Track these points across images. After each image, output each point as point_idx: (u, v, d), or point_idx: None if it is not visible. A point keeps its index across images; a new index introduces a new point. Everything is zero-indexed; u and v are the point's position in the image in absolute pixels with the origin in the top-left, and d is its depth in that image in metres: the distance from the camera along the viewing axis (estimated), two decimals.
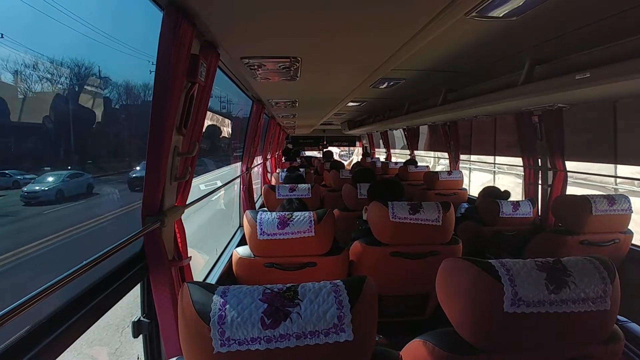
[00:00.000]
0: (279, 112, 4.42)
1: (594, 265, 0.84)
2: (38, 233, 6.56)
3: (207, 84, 1.41)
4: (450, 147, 4.56)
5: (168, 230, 1.30)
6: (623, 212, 2.11)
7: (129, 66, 18.01)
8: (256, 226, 1.65)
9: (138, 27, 12.82)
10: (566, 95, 1.74)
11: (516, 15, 1.30)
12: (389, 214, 1.76)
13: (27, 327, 0.78)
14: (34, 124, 9.01)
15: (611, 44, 1.49)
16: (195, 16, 1.18)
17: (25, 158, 8.42)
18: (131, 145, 11.74)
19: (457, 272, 0.88)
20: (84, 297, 0.95)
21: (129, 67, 17.72)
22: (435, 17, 1.26)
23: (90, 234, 7.16)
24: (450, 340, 0.88)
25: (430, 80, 2.55)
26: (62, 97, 10.12)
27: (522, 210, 2.63)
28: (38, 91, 9.35)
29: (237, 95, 3.20)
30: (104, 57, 14.21)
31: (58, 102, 9.82)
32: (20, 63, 8.79)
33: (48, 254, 6.06)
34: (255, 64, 1.89)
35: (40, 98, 9.32)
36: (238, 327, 0.68)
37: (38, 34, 10.01)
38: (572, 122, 2.74)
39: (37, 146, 8.78)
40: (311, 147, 10.41)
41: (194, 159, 1.42)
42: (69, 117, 9.58)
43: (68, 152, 9.49)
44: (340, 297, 0.72)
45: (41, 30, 9.69)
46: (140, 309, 1.27)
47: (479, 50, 1.78)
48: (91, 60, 12.12)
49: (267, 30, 1.42)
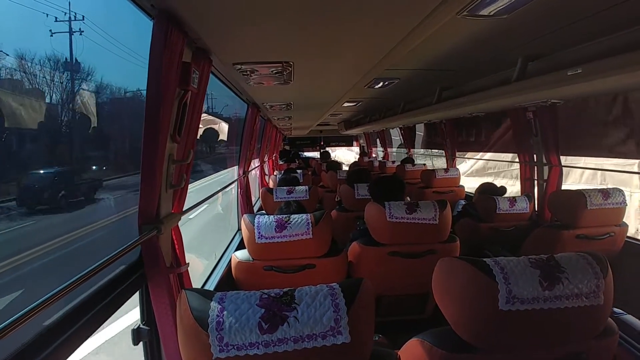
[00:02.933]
0: (275, 115, 4.43)
1: (587, 261, 0.85)
2: None
3: (200, 90, 1.41)
4: (446, 145, 4.57)
5: (165, 238, 1.30)
6: (617, 206, 2.12)
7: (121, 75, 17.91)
8: (254, 230, 1.65)
9: (128, 38, 12.78)
10: (559, 91, 1.75)
11: (506, 13, 1.31)
12: (386, 214, 1.76)
13: (27, 338, 0.78)
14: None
15: (602, 38, 1.50)
16: (185, 24, 1.19)
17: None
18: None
19: (452, 272, 0.89)
20: (83, 307, 0.95)
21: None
22: (427, 17, 1.27)
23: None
24: (447, 339, 0.89)
25: (424, 79, 2.56)
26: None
27: (519, 206, 2.64)
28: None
29: (233, 99, 3.18)
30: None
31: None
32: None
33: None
34: (247, 70, 1.90)
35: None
36: (236, 332, 0.69)
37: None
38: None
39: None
40: (308, 148, 10.40)
41: (189, 166, 1.42)
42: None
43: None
44: (336, 300, 0.73)
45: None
46: (140, 316, 1.27)
47: (471, 48, 1.79)
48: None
49: (258, 36, 1.43)
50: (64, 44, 10.37)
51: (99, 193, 8.70)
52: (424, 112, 3.19)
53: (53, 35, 10.03)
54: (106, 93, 12.10)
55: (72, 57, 9.96)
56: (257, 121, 3.51)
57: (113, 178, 9.65)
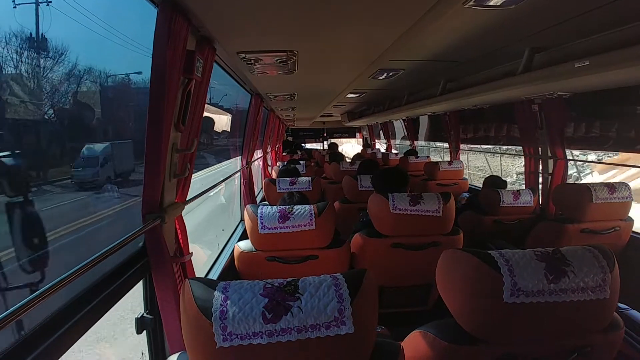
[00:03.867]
0: (278, 105, 4.41)
1: (593, 255, 0.85)
2: None
3: (204, 79, 1.40)
4: (450, 137, 4.54)
5: (169, 227, 1.30)
6: (623, 200, 2.10)
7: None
8: (257, 220, 1.65)
9: (133, 26, 12.60)
10: (566, 83, 1.72)
11: (514, 3, 1.29)
12: (389, 206, 1.76)
13: (32, 326, 0.79)
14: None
15: (611, 31, 1.47)
16: (189, 12, 1.17)
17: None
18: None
19: (456, 263, 0.89)
20: (87, 295, 0.95)
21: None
22: (433, 7, 1.25)
23: None
24: (450, 331, 0.89)
25: (429, 70, 2.53)
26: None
27: (523, 199, 2.63)
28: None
29: (236, 89, 3.17)
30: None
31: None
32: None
33: None
34: (251, 59, 1.88)
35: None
36: (240, 322, 0.69)
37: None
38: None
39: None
40: (311, 139, 10.38)
41: (192, 155, 1.42)
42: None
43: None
44: (340, 291, 0.72)
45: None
46: (144, 305, 1.28)
47: (477, 39, 1.77)
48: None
49: (262, 24, 1.41)
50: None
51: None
52: (428, 103, 3.16)
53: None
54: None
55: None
56: (261, 112, 3.49)
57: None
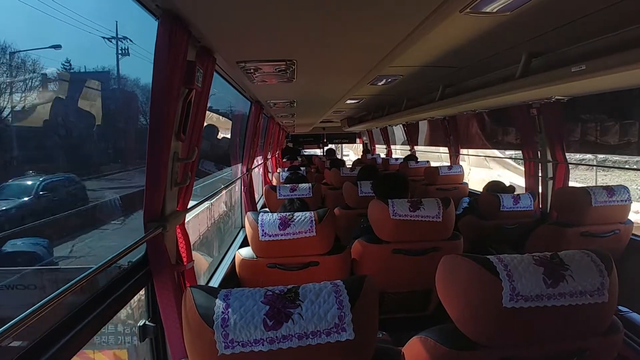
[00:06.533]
0: (278, 112, 4.43)
1: (591, 259, 0.85)
2: None
3: (204, 89, 1.42)
4: (450, 142, 4.55)
5: (170, 235, 1.31)
6: (623, 203, 2.10)
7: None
8: (258, 227, 1.66)
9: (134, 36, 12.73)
10: (563, 87, 1.74)
11: (510, 10, 1.30)
12: (389, 212, 1.76)
13: (34, 337, 0.79)
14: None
15: (607, 35, 1.49)
16: (190, 23, 1.19)
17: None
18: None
19: (456, 269, 0.89)
20: (90, 304, 0.96)
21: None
22: (430, 15, 1.26)
23: None
24: (450, 336, 0.89)
25: (427, 76, 2.55)
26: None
27: (523, 203, 2.63)
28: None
29: (237, 97, 3.19)
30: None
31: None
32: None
33: None
34: (251, 68, 1.90)
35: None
36: (241, 329, 0.70)
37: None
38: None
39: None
40: (311, 145, 10.39)
41: (193, 164, 1.43)
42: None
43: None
44: (340, 297, 0.73)
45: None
46: (146, 313, 1.29)
47: (475, 45, 1.78)
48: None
49: (262, 34, 1.43)
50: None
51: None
52: (427, 109, 3.18)
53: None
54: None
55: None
56: (261, 119, 3.51)
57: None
